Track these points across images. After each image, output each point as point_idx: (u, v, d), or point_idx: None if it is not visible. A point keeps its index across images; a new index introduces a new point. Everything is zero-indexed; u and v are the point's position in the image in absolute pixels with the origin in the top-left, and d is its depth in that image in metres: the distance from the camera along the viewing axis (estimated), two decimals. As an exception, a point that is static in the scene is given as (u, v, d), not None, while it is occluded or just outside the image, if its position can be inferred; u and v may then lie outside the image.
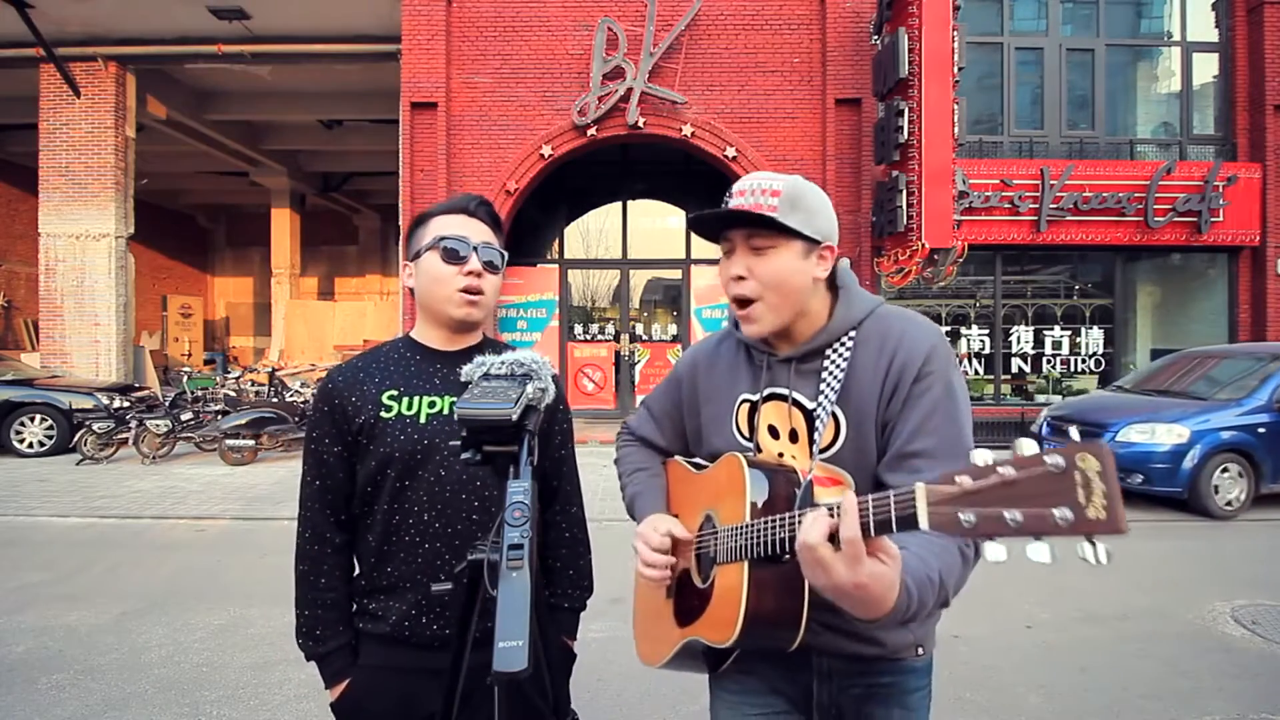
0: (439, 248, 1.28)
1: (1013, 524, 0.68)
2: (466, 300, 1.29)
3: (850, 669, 1.16)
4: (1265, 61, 9.73)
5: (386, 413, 1.27)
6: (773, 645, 1.08)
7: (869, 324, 1.15)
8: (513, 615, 0.81)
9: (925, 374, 1.08)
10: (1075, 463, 0.65)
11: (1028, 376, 10.22)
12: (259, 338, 21.98)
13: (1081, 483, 0.65)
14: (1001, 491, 0.70)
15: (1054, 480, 0.66)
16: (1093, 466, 0.64)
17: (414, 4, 9.69)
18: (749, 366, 1.23)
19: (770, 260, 1.11)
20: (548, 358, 1.11)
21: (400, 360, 1.33)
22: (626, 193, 11.33)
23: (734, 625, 1.02)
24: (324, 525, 1.29)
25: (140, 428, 8.10)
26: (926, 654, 1.18)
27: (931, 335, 1.12)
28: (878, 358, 1.11)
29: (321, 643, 1.28)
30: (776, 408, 1.18)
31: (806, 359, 1.16)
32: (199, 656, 3.36)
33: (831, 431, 1.12)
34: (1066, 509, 0.65)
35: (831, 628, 1.13)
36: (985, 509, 0.70)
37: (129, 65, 11.29)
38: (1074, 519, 0.64)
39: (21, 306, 15.95)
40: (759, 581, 1.02)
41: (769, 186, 1.11)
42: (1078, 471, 0.65)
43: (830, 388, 1.12)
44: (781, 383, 1.17)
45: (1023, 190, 9.49)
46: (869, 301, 1.18)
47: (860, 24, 9.66)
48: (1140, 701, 2.99)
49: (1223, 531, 5.73)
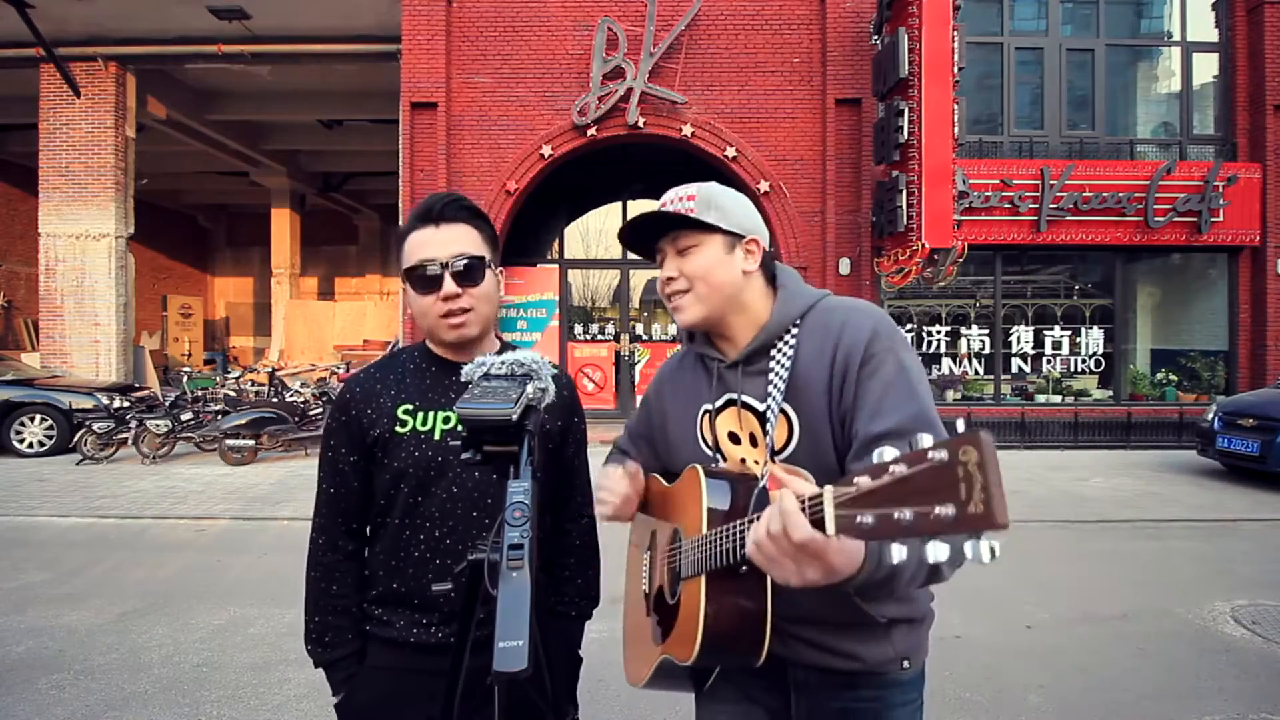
0: (410, 278, 1.26)
1: (904, 524, 0.64)
2: (451, 325, 1.27)
3: (827, 682, 1.13)
4: (1265, 61, 9.72)
5: (401, 427, 1.26)
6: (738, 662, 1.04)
7: (812, 317, 1.15)
8: (513, 615, 0.81)
9: (871, 355, 1.06)
10: (958, 456, 0.61)
11: (1028, 376, 10.22)
12: (259, 338, 21.97)
13: (964, 476, 0.60)
14: (895, 490, 0.66)
15: (939, 475, 0.62)
16: (973, 458, 0.60)
17: (414, 4, 9.68)
18: (706, 376, 1.23)
19: (694, 257, 1.16)
20: (549, 358, 1.11)
21: (416, 372, 1.32)
22: (626, 193, 11.33)
23: (694, 640, 0.99)
24: (337, 533, 1.29)
25: (140, 428, 8.10)
26: (914, 668, 1.14)
27: (873, 316, 1.10)
28: (821, 349, 1.10)
29: (331, 649, 1.27)
30: (731, 413, 1.18)
31: (752, 360, 1.16)
32: (199, 656, 3.36)
33: (784, 431, 1.11)
34: (950, 505, 0.61)
35: (804, 640, 1.11)
36: (880, 509, 0.67)
37: (129, 65, 11.29)
38: (955, 515, 0.60)
39: (21, 306, 15.95)
40: (717, 593, 1.00)
41: (684, 194, 1.17)
42: (960, 465, 0.61)
43: (776, 386, 1.11)
44: (733, 387, 1.18)
45: (1023, 190, 9.48)
46: (810, 295, 1.18)
47: (860, 24, 9.66)
48: (1140, 701, 2.99)
49: (1223, 531, 5.73)
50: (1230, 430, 7.36)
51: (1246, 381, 9.80)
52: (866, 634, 1.10)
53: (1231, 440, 7.32)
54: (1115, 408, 9.94)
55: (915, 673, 1.15)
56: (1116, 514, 6.20)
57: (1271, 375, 9.51)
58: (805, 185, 9.80)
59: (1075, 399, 10.15)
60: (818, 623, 1.10)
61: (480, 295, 1.27)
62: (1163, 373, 10.37)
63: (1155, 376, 10.37)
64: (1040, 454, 9.26)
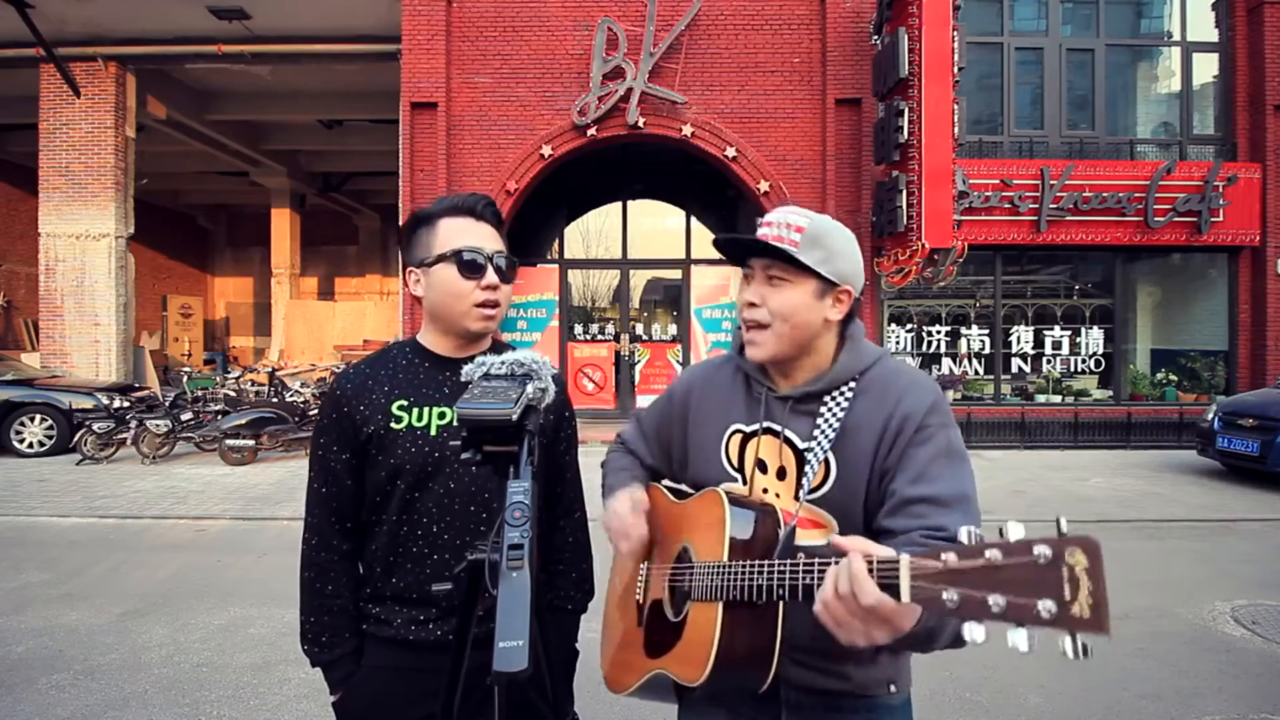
0: (456, 260, 1.25)
1: (996, 609, 0.67)
2: (484, 316, 1.28)
3: (818, 703, 1.15)
4: (1265, 61, 9.72)
5: (396, 423, 1.25)
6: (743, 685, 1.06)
7: (872, 374, 1.15)
8: (513, 615, 0.81)
9: (927, 425, 1.08)
10: (1064, 557, 0.64)
11: (1028, 376, 10.22)
12: (259, 338, 21.97)
13: (1069, 578, 0.64)
14: (986, 575, 0.68)
15: (1041, 571, 0.65)
16: (1081, 563, 0.63)
17: (414, 4, 9.68)
18: (747, 397, 1.22)
19: (783, 293, 1.12)
20: (548, 358, 1.11)
21: (409, 368, 1.31)
22: (626, 193, 11.33)
23: (704, 665, 1.00)
24: (330, 533, 1.28)
25: (140, 428, 8.09)
26: (902, 691, 1.16)
27: (935, 392, 1.13)
28: (879, 407, 1.11)
29: (328, 649, 1.27)
30: (769, 443, 1.17)
31: (805, 400, 1.16)
32: (199, 656, 3.36)
33: (822, 474, 1.11)
34: (1051, 602, 0.64)
35: (797, 661, 1.12)
36: (969, 590, 0.69)
37: (129, 65, 11.28)
38: (1057, 613, 0.63)
39: (21, 306, 15.94)
40: (733, 623, 1.01)
41: (795, 222, 1.12)
42: (1065, 566, 0.64)
43: (825, 433, 1.11)
44: (778, 419, 1.17)
45: (1023, 190, 9.48)
46: (874, 353, 1.18)
47: (860, 24, 9.66)
48: (1140, 701, 3.00)
49: (1223, 531, 5.73)
50: (1230, 430, 7.38)
51: (1246, 381, 9.80)
52: (857, 657, 1.11)
53: (1231, 440, 7.33)
54: (1115, 408, 9.94)
55: (903, 698, 1.17)
56: (1116, 514, 6.21)
57: (1271, 375, 9.51)
58: (805, 185, 9.79)
59: (1075, 399, 10.14)
60: (808, 648, 1.11)
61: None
62: (1163, 373, 10.37)
63: (1155, 376, 10.37)
64: (1040, 454, 9.26)
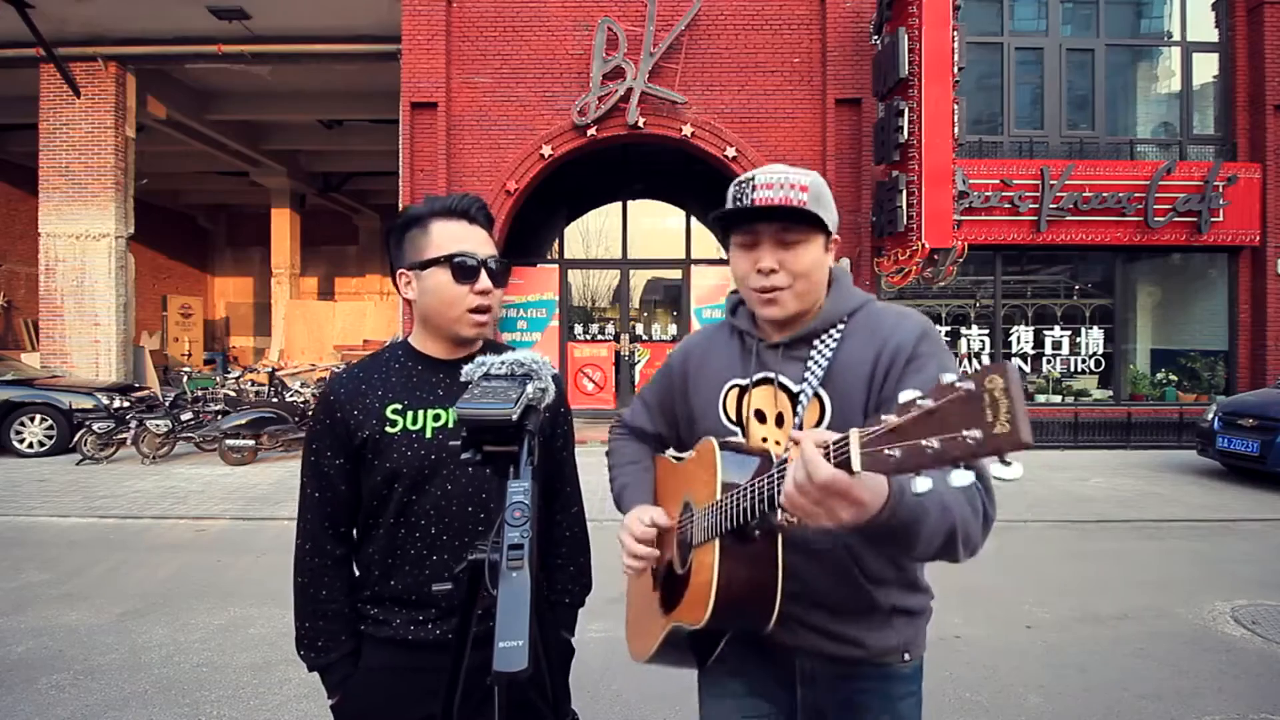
0: (450, 265, 1.24)
1: (930, 451, 0.69)
2: (476, 322, 1.27)
3: (833, 672, 1.17)
4: (1265, 61, 9.72)
5: (391, 427, 1.25)
6: (748, 625, 1.06)
7: (859, 316, 1.18)
8: (513, 615, 0.81)
9: (918, 354, 1.10)
10: (984, 384, 0.66)
11: (1028, 376, 10.22)
12: (259, 338, 21.97)
13: (989, 403, 0.65)
14: (923, 423, 0.70)
15: (966, 403, 0.67)
16: (998, 385, 0.65)
17: (414, 4, 9.68)
18: (741, 352, 1.25)
19: (801, 253, 1.13)
20: (548, 358, 1.11)
21: (402, 371, 1.30)
22: (626, 193, 11.33)
23: (707, 603, 1.01)
24: (324, 538, 1.28)
25: (140, 428, 8.09)
26: (914, 659, 1.18)
27: (923, 322, 1.14)
28: (869, 343, 1.13)
29: (324, 654, 1.27)
30: (764, 392, 1.19)
31: (794, 345, 1.18)
32: (199, 656, 3.36)
33: (815, 413, 1.13)
34: (977, 430, 0.65)
35: (810, 626, 1.14)
36: (909, 442, 0.71)
37: (129, 65, 11.28)
38: (982, 438, 0.65)
39: (21, 306, 15.94)
40: (730, 556, 1.02)
41: (796, 181, 1.12)
42: (986, 393, 0.65)
43: (814, 372, 1.14)
44: (770, 367, 1.19)
45: (1023, 190, 9.48)
46: (860, 297, 1.21)
47: (860, 24, 9.65)
48: (1140, 701, 3.00)
49: (1223, 531, 5.73)
50: (1230, 430, 7.38)
51: (1246, 381, 9.80)
52: (870, 621, 1.14)
53: (1231, 440, 7.32)
54: (1115, 408, 9.94)
55: (915, 665, 1.19)
56: (1116, 514, 6.20)
57: (1271, 375, 9.51)
58: (805, 185, 9.78)
59: (1075, 399, 10.14)
60: (825, 607, 1.13)
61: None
62: (1163, 373, 10.37)
63: (1155, 376, 10.37)
64: (1040, 454, 9.25)
